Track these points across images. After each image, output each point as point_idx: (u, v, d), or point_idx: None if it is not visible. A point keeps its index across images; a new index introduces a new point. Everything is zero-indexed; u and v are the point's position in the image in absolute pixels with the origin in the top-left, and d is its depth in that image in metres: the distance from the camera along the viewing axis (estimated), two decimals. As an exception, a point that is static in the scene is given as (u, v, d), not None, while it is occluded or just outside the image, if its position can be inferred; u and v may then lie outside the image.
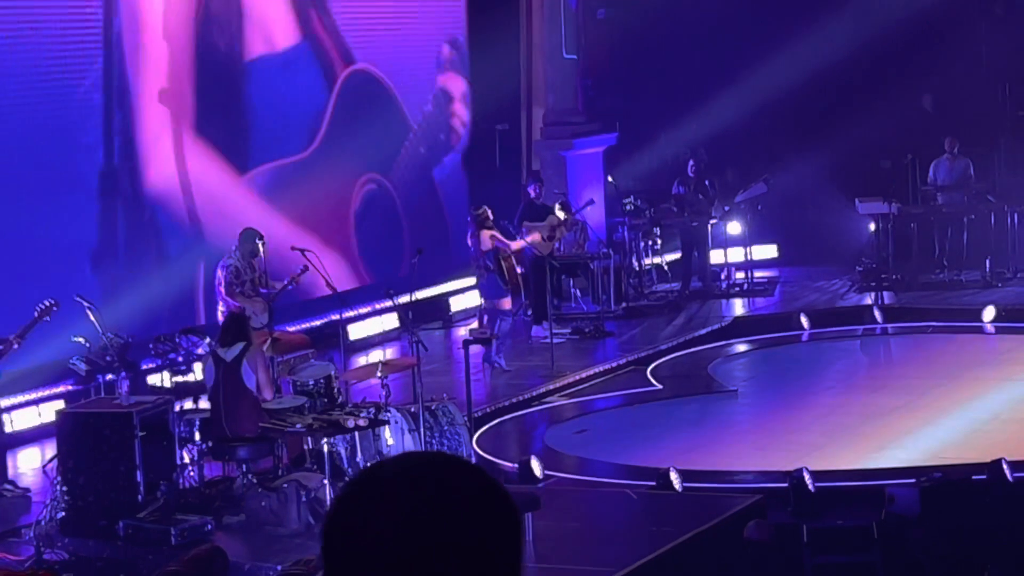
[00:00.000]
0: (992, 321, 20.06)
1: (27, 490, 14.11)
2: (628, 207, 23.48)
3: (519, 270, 18.86)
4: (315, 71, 20.38)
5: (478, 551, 2.29)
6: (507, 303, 18.46)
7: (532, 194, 20.97)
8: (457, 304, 21.58)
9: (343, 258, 20.30)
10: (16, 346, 13.83)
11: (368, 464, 12.68)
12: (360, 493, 2.33)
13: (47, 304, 13.82)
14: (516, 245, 18.69)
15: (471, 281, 20.66)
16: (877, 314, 20.69)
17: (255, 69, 19.42)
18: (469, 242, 18.54)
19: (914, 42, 24.90)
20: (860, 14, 24.66)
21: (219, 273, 15.88)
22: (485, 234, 18.21)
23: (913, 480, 12.79)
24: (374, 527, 2.28)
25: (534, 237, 19.65)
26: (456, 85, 22.80)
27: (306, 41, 20.23)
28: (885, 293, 21.50)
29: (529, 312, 20.34)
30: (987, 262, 22.23)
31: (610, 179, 24.03)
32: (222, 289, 15.74)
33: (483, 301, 18.80)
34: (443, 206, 22.44)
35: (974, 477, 12.95)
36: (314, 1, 20.27)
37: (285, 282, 15.90)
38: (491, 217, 18.48)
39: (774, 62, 24.51)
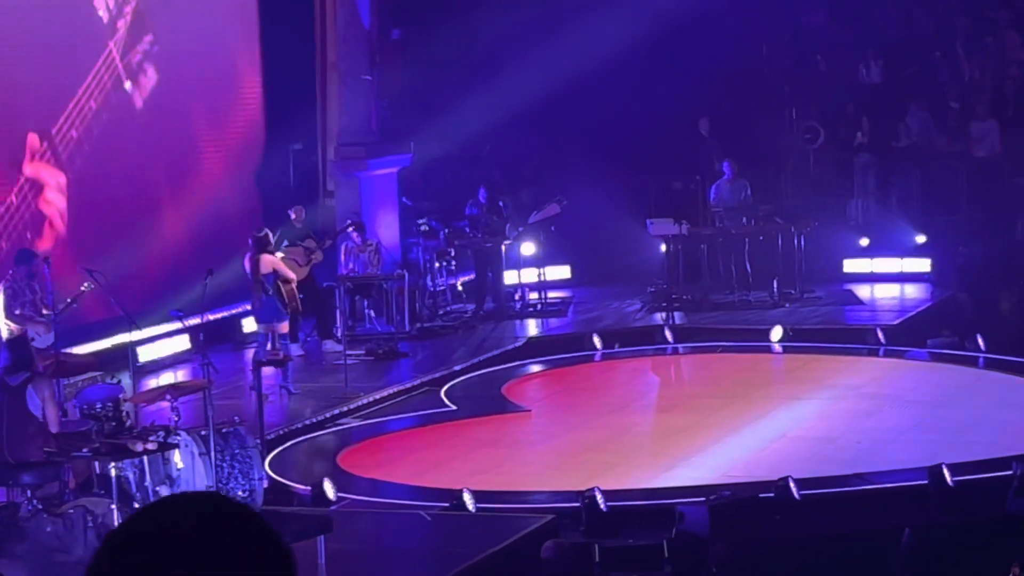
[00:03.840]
0: (779, 341, 20.42)
1: None
2: (423, 227, 23.48)
3: (300, 295, 18.75)
4: None
5: None
6: (284, 327, 18.37)
7: (291, 216, 20.87)
8: (249, 325, 21.35)
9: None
10: None
11: (155, 492, 12.48)
12: (125, 541, 2.24)
13: None
14: (292, 275, 18.42)
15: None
16: (668, 334, 20.93)
17: None
18: (246, 264, 18.36)
19: (702, 66, 25.34)
20: (648, 37, 25.02)
21: (-3, 297, 15.54)
22: (266, 258, 18.08)
23: (703, 499, 12.96)
24: None
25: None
26: (51, 175, 19.58)
27: None
28: (676, 313, 21.77)
29: (312, 334, 20.52)
30: (775, 283, 22.64)
31: (404, 200, 24.02)
32: (1, 312, 15.39)
33: (259, 326, 18.63)
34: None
35: (762, 495, 13.16)
36: None
37: (68, 301, 15.60)
38: (272, 241, 18.40)
39: (567, 86, 24.77)
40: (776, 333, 20.48)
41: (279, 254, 19.68)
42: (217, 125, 22.25)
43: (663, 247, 23.15)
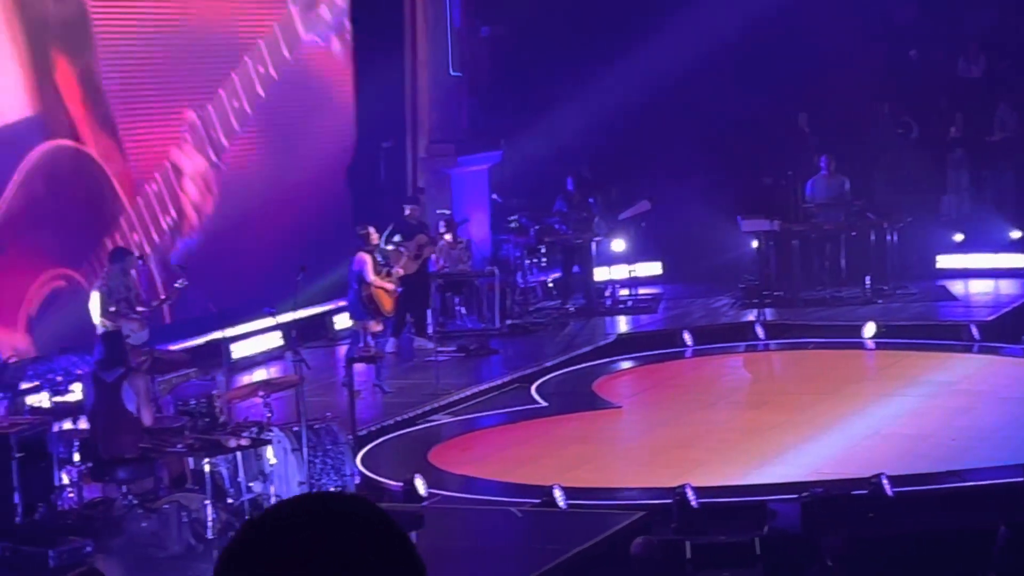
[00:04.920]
0: (872, 337, 20.27)
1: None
2: (513, 224, 23.52)
3: (398, 290, 18.78)
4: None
5: None
6: (375, 325, 18.43)
7: (406, 212, 20.98)
8: (341, 322, 21.48)
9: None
10: None
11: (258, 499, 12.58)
12: (254, 539, 2.26)
13: None
14: (372, 278, 18.45)
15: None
16: (759, 330, 20.84)
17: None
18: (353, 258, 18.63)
19: (794, 61, 25.21)
20: (740, 33, 24.90)
21: (92, 294, 15.70)
22: (358, 256, 18.21)
23: (795, 496, 12.88)
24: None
25: (397, 272, 19.29)
26: (193, 162, 20.09)
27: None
28: (767, 310, 21.66)
29: (413, 331, 20.51)
30: (867, 279, 22.48)
31: (495, 196, 24.07)
32: (97, 310, 15.55)
33: (353, 322, 18.76)
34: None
35: (854, 492, 13.07)
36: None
37: (163, 297, 15.74)
38: (373, 240, 18.45)
39: (658, 82, 24.69)
40: (869, 329, 20.33)
41: (389, 247, 19.74)
42: (309, 122, 22.38)
43: (754, 243, 23.05)
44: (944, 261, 23.94)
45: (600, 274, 23.28)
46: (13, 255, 17.39)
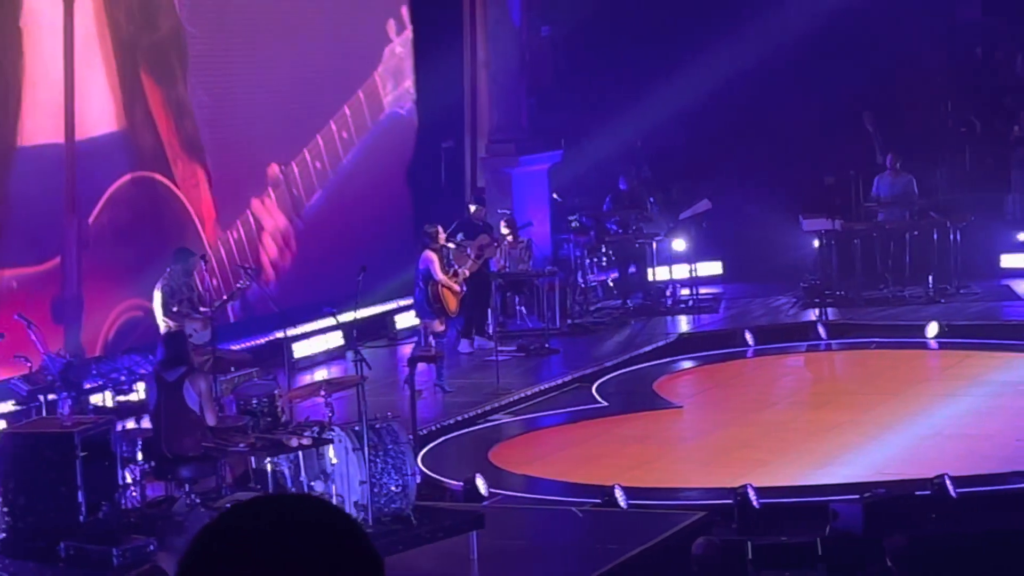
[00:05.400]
0: (935, 337, 20.14)
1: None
2: (573, 224, 23.49)
3: (463, 290, 18.80)
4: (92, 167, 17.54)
5: None
6: (438, 325, 18.43)
7: (471, 211, 21.02)
8: (402, 322, 21.54)
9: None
10: None
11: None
12: (217, 539, 2.29)
13: None
14: (440, 277, 18.46)
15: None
16: (821, 330, 20.75)
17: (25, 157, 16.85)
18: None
19: (857, 60, 25.10)
20: (802, 32, 24.81)
21: (155, 294, 15.80)
22: (425, 254, 18.23)
23: (857, 496, 12.82)
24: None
25: (463, 273, 19.28)
26: (274, 219, 20.61)
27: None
28: (829, 309, 21.57)
29: (474, 330, 20.51)
30: (930, 278, 22.35)
31: (555, 196, 24.06)
32: (159, 310, 15.65)
33: (418, 321, 18.80)
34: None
35: (917, 493, 12.99)
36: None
37: (225, 297, 15.82)
38: (440, 239, 18.46)
39: (718, 80, 24.63)
40: (931, 329, 20.20)
41: (451, 244, 19.75)
42: (370, 122, 22.45)
43: (816, 243, 22.95)
44: (1008, 260, 23.77)
45: (661, 274, 23.25)
46: (98, 277, 17.57)
